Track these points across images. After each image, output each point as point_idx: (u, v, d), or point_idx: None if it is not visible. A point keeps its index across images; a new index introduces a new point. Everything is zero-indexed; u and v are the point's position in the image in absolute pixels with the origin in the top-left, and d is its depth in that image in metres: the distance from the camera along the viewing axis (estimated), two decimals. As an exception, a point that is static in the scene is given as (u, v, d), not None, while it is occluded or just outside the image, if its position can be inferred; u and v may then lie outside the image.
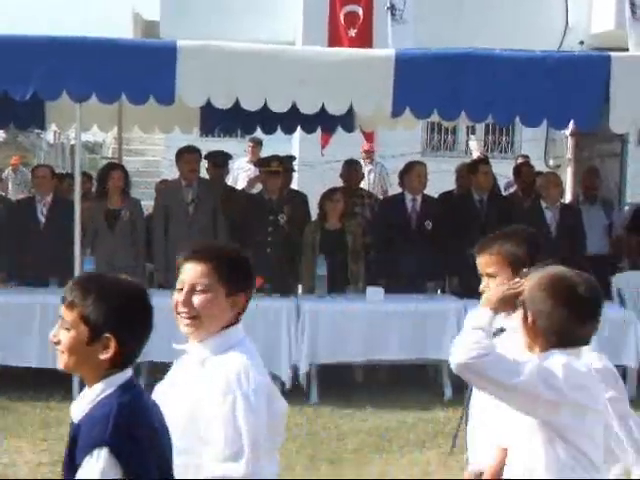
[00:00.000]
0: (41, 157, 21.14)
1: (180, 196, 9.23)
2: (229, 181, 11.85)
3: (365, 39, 13.60)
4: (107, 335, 2.72)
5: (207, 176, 10.05)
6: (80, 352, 2.75)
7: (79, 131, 8.85)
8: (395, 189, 10.83)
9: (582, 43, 15.67)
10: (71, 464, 2.71)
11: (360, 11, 14.36)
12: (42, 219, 9.15)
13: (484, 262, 3.88)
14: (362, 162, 12.37)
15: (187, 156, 9.26)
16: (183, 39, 8.52)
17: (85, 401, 2.77)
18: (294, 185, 11.43)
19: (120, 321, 2.73)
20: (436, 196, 9.88)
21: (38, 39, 8.43)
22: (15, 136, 30.56)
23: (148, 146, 16.61)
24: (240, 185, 12.14)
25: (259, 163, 9.78)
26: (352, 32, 14.25)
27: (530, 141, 17.52)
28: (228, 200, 9.47)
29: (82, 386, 2.89)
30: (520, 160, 12.87)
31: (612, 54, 8.36)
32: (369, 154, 14.33)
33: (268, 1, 15.89)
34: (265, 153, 12.62)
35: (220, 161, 10.06)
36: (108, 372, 2.76)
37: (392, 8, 14.29)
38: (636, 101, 8.22)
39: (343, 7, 14.33)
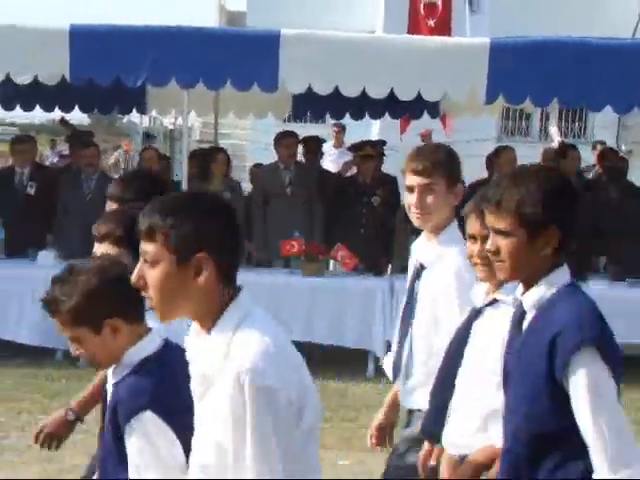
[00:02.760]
0: (138, 142, 21.46)
1: (278, 179, 9.39)
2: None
3: (444, 29, 13.60)
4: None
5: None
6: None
7: (186, 117, 9.07)
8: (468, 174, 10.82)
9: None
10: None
11: (439, 2, 14.40)
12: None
13: None
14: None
15: (286, 140, 9.43)
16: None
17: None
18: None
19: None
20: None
21: (146, 29, 8.69)
22: (113, 122, 31.14)
23: (235, 130, 16.90)
24: (327, 168, 12.30)
25: (353, 148, 9.88)
26: (431, 22, 14.29)
27: (602, 128, 17.46)
28: (323, 183, 9.59)
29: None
30: (599, 147, 12.83)
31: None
32: (426, 138, 14.43)
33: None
34: (348, 139, 12.79)
35: (315, 146, 10.18)
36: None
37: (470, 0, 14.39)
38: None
39: None
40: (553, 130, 13.51)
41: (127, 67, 8.23)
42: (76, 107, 11.34)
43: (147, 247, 2.35)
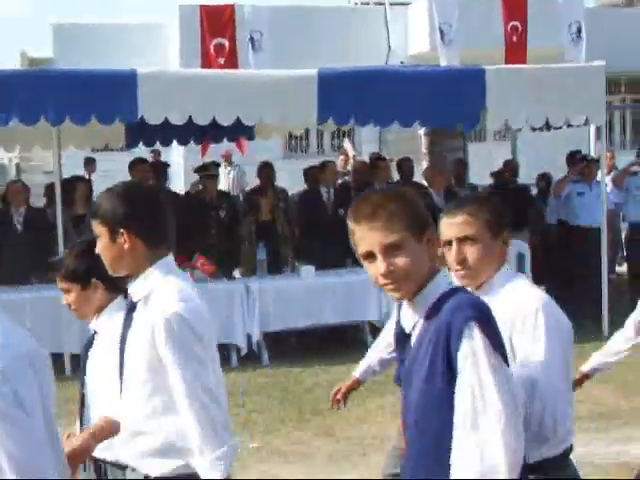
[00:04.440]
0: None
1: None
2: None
3: (231, 65, 14.92)
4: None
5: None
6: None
7: (56, 152, 9.78)
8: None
9: (402, 63, 17.35)
10: None
11: (226, 43, 15.98)
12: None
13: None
14: (222, 165, 14.11)
15: (140, 166, 10.34)
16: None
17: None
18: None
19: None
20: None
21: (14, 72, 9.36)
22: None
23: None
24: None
25: (200, 169, 10.90)
26: (221, 60, 15.78)
27: (368, 142, 19.28)
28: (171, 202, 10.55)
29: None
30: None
31: (486, 68, 9.98)
32: (227, 158, 15.87)
33: (149, 35, 16.85)
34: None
35: (161, 169, 11.11)
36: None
37: (252, 40, 15.94)
38: (506, 105, 9.86)
39: (212, 39, 16.01)
40: (347, 145, 14.95)
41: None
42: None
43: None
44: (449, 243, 3.26)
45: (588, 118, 10.44)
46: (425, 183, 11.47)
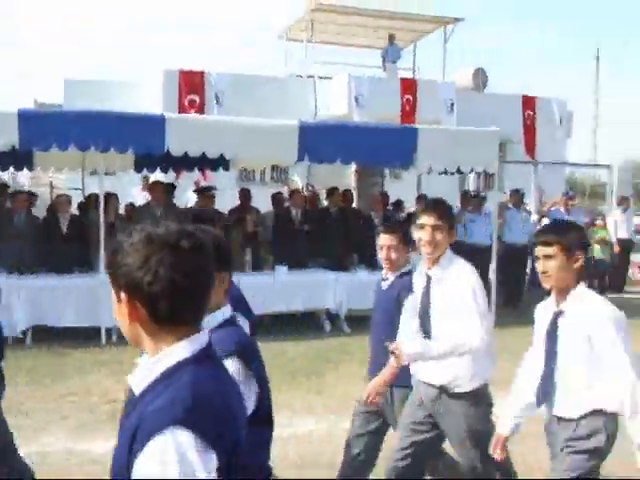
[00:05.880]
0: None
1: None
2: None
3: (201, 115, 14.96)
4: None
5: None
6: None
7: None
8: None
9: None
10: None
11: (197, 98, 16.21)
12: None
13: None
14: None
15: (158, 186, 10.53)
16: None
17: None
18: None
19: None
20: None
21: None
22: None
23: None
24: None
25: (199, 190, 11.04)
26: (193, 111, 16.02)
27: (299, 175, 19.34)
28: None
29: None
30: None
31: (418, 127, 10.53)
32: (198, 184, 15.87)
33: (139, 90, 16.75)
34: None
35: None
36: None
37: (217, 97, 16.17)
38: (432, 153, 10.34)
39: (187, 95, 16.24)
40: (296, 178, 15.25)
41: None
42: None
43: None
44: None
45: (486, 168, 10.97)
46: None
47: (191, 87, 16.50)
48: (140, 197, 14.11)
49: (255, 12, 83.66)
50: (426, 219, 3.70)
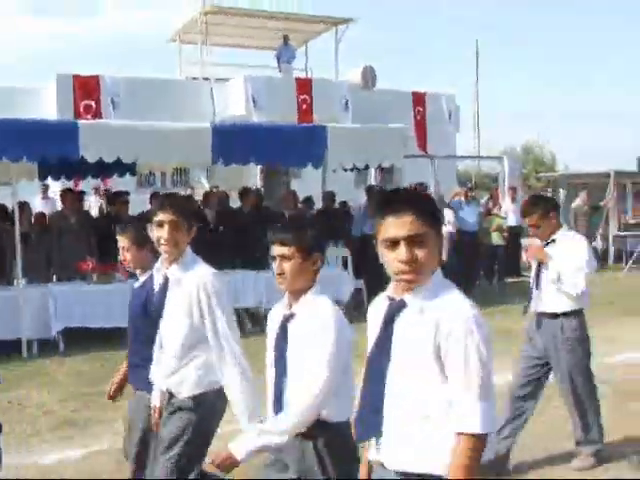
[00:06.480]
0: None
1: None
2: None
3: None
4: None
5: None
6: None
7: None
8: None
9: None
10: None
11: (93, 104, 16.01)
12: None
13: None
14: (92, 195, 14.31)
15: (70, 195, 10.31)
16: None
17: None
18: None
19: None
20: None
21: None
22: None
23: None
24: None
25: (112, 196, 10.93)
26: (89, 117, 15.82)
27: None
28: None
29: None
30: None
31: (328, 125, 10.82)
32: (97, 190, 15.66)
33: (32, 96, 16.30)
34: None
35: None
36: None
37: (112, 101, 16.05)
38: (341, 152, 10.66)
39: (82, 101, 16.03)
40: (203, 180, 15.27)
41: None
42: None
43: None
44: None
45: (393, 163, 11.40)
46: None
47: (85, 92, 16.22)
48: (40, 206, 13.79)
49: (145, 15, 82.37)
50: (162, 216, 3.60)
